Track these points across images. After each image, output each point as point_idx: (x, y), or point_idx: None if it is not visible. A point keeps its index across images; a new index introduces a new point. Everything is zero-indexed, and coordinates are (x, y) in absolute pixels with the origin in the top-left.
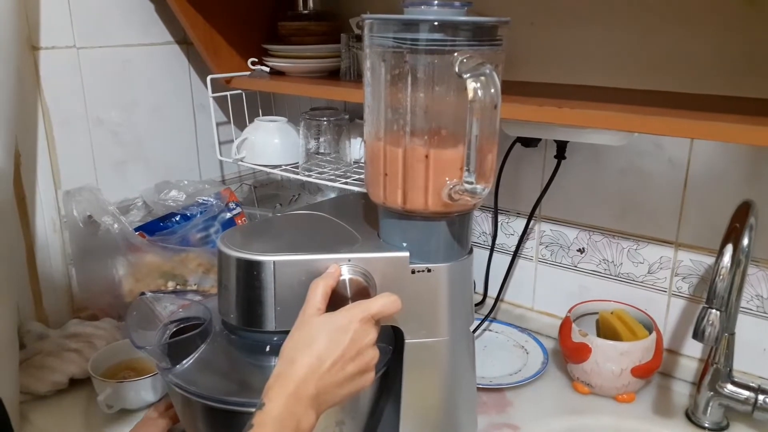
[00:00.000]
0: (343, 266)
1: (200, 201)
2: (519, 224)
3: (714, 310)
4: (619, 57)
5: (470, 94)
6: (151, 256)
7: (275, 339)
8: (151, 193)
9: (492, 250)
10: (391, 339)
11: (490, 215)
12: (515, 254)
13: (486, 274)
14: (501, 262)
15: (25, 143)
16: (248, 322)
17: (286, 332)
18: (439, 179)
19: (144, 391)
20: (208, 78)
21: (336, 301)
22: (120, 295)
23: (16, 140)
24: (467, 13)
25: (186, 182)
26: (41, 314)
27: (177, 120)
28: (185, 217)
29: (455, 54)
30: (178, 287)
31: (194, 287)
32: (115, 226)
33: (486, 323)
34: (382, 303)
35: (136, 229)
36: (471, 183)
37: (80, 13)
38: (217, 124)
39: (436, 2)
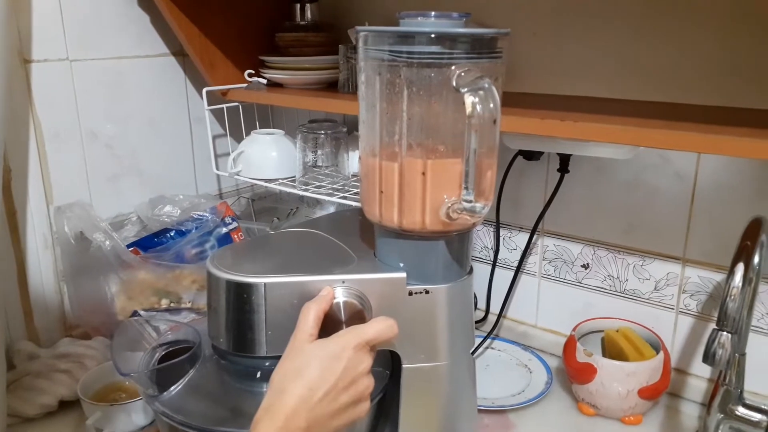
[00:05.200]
0: (337, 288)
1: (195, 216)
2: (522, 239)
3: (725, 333)
4: (624, 68)
5: (468, 109)
6: (144, 273)
7: (267, 364)
8: (146, 208)
9: (494, 266)
10: (388, 363)
11: (492, 229)
12: (518, 270)
13: (488, 290)
14: (503, 277)
15: (16, 157)
16: (238, 346)
17: (278, 357)
18: (436, 197)
19: (135, 414)
20: (204, 90)
21: (329, 325)
22: (112, 314)
23: (5, 154)
24: (466, 24)
25: (181, 196)
26: (32, 333)
27: (173, 133)
28: (180, 233)
29: (453, 67)
30: (171, 305)
31: (188, 305)
32: (107, 243)
33: (488, 341)
34: (378, 328)
35: (130, 245)
36: (470, 201)
37: (73, 25)
38: (214, 137)
39: (433, 13)
